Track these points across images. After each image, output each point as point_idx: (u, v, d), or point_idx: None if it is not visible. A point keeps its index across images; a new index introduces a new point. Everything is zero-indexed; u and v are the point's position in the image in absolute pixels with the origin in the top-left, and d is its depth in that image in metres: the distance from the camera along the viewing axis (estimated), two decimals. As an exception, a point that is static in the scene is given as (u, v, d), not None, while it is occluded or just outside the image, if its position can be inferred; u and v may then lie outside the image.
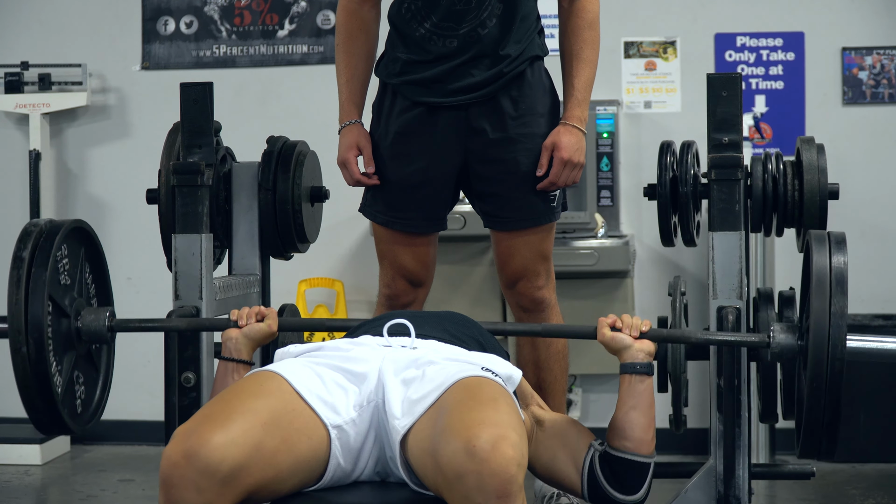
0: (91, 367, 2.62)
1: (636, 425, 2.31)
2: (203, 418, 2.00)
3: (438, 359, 2.18)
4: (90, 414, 2.63)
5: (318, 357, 2.21)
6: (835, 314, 2.20)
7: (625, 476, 2.29)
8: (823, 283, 2.22)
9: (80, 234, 2.61)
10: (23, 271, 2.42)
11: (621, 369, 2.35)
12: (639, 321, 2.39)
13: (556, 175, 2.88)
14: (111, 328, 2.53)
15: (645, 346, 2.36)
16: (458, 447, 1.90)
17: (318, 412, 2.09)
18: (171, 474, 1.94)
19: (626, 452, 2.30)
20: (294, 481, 2.06)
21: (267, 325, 2.42)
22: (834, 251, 2.26)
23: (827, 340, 2.18)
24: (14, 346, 2.39)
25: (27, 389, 2.40)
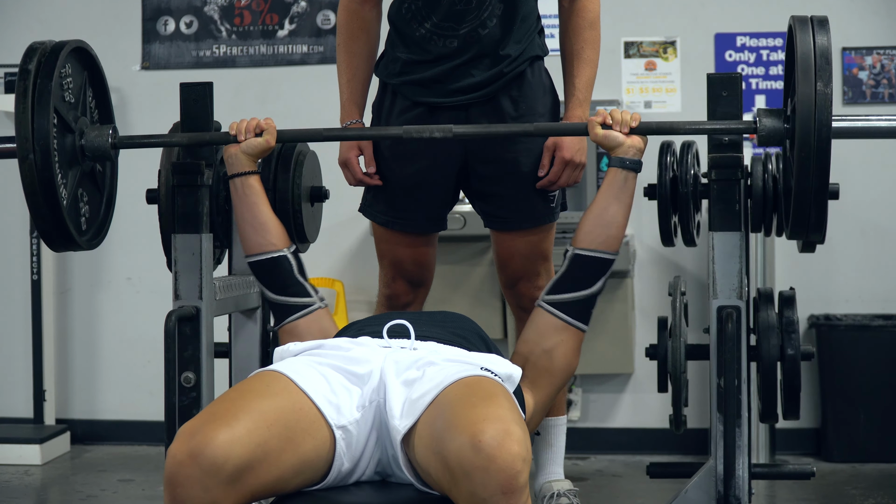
0: (95, 187, 2.67)
1: (615, 220, 2.45)
2: (208, 417, 2.00)
3: (438, 360, 2.19)
4: (94, 231, 2.68)
5: (319, 357, 2.21)
6: (819, 95, 2.26)
7: (587, 273, 2.44)
8: (808, 66, 2.28)
9: (83, 54, 2.64)
10: (29, 82, 2.45)
11: (611, 162, 2.47)
12: (628, 115, 2.49)
13: (556, 175, 2.88)
14: (115, 145, 2.59)
15: (636, 143, 2.48)
16: (464, 443, 1.90)
17: (324, 413, 2.09)
18: (177, 473, 1.94)
19: (598, 251, 2.44)
20: (298, 481, 2.07)
21: (265, 140, 2.52)
22: (817, 32, 2.33)
23: (813, 122, 2.25)
24: (21, 154, 2.43)
25: (34, 197, 2.45)
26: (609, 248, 2.45)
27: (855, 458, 4.43)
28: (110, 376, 5.00)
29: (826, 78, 2.27)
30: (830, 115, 2.26)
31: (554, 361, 2.43)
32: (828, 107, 2.26)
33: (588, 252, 2.45)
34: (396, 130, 2.61)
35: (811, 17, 2.40)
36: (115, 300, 4.98)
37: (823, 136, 2.26)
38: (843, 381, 4.44)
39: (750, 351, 2.55)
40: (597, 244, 2.44)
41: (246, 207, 2.53)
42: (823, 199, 2.30)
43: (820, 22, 2.37)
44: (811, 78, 2.28)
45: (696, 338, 3.09)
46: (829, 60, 2.30)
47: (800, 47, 2.32)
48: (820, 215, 2.33)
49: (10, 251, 4.98)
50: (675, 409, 2.63)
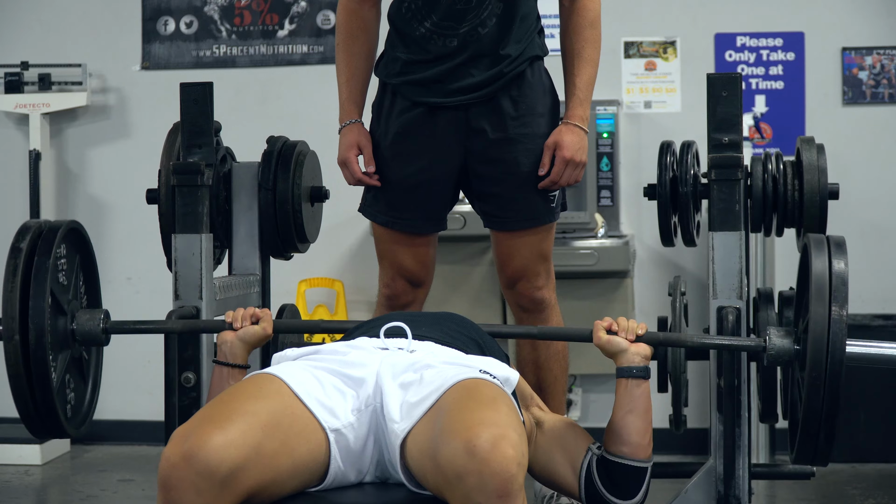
0: (80, 374, 2.58)
1: (633, 430, 2.30)
2: (202, 420, 1.99)
3: (436, 362, 2.18)
4: (80, 419, 2.57)
5: (315, 361, 2.20)
6: (834, 321, 2.18)
7: (622, 481, 2.28)
8: (822, 290, 2.21)
9: (76, 236, 2.57)
10: (20, 261, 2.36)
11: (618, 373, 2.34)
12: (635, 324, 2.37)
13: (557, 174, 2.88)
14: (106, 330, 2.51)
15: (641, 350, 2.34)
16: (459, 447, 1.90)
17: (317, 416, 2.09)
18: (170, 476, 1.93)
19: (623, 458, 2.29)
20: (293, 483, 2.06)
21: (262, 329, 2.40)
22: (834, 256, 2.25)
23: (826, 347, 2.17)
24: (6, 335, 2.32)
25: (19, 380, 2.33)
26: (636, 456, 2.30)
27: (855, 458, 4.42)
28: (110, 376, 4.96)
29: (841, 304, 2.18)
30: (845, 343, 2.17)
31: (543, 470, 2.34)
32: (842, 334, 2.17)
33: (614, 458, 2.29)
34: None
35: (828, 237, 2.31)
36: (115, 300, 4.96)
37: (837, 368, 2.17)
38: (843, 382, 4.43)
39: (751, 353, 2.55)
40: (623, 452, 2.30)
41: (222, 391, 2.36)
42: (832, 424, 2.21)
43: (837, 244, 2.28)
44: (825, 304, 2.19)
45: (696, 338, 3.09)
46: (846, 283, 2.21)
47: (815, 271, 2.23)
48: (829, 440, 2.23)
49: (10, 251, 4.98)
50: (675, 409, 2.63)
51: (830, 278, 2.21)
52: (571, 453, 2.32)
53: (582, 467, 2.29)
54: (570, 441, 2.33)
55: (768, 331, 2.34)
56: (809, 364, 2.19)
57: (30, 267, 2.36)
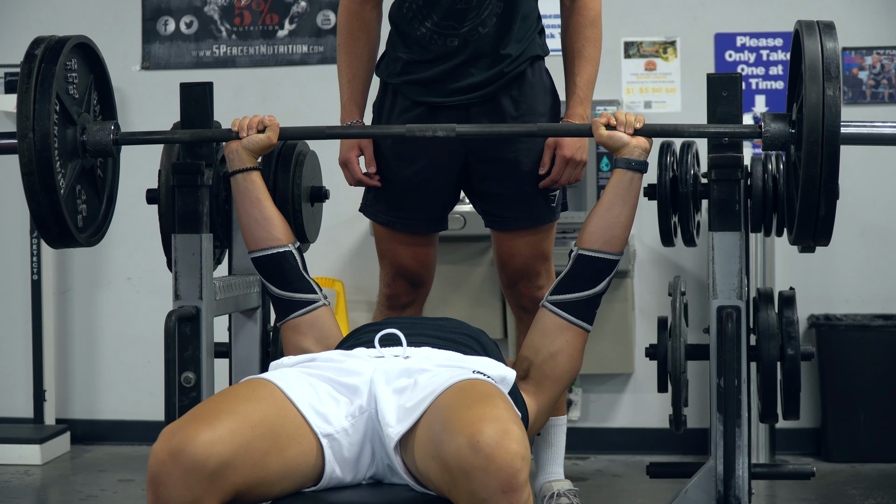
0: (93, 187, 2.65)
1: (620, 222, 2.44)
2: (191, 418, 2.00)
3: (430, 366, 2.18)
4: (93, 230, 2.66)
5: (311, 368, 2.21)
6: (828, 97, 2.23)
7: (591, 274, 2.42)
8: (816, 70, 2.26)
9: (89, 53, 2.63)
10: (34, 65, 2.43)
11: (616, 164, 2.45)
12: (632, 117, 2.47)
13: (558, 173, 2.88)
14: (116, 141, 2.57)
15: (641, 143, 2.46)
16: (463, 443, 1.90)
17: (309, 420, 2.09)
18: (159, 472, 1.94)
19: (602, 252, 2.42)
20: (284, 484, 2.06)
21: (267, 137, 2.50)
22: (825, 38, 2.30)
23: (822, 127, 2.22)
24: (21, 133, 2.40)
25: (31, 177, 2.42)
26: (613, 249, 2.44)
27: (855, 458, 4.43)
28: (110, 376, 5.00)
29: (835, 82, 2.24)
30: (839, 121, 2.24)
31: (558, 363, 2.43)
32: (837, 111, 2.23)
33: (592, 252, 2.44)
34: (399, 129, 2.60)
35: (817, 21, 2.38)
36: (115, 300, 4.98)
37: (833, 141, 2.23)
38: (843, 381, 4.44)
39: (750, 351, 2.55)
40: (601, 244, 2.43)
41: (250, 202, 2.52)
42: (832, 204, 2.27)
43: (827, 26, 2.34)
44: (819, 82, 2.25)
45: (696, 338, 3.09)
46: (838, 65, 2.27)
47: (808, 51, 2.29)
48: (827, 220, 2.30)
49: (10, 251, 4.98)
50: (675, 409, 2.63)
51: (823, 59, 2.27)
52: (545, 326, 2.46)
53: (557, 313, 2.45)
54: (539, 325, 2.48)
55: (762, 115, 2.42)
56: (805, 143, 2.24)
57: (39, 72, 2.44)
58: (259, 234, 2.51)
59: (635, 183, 2.46)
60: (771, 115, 2.43)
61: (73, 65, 2.55)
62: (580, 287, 2.43)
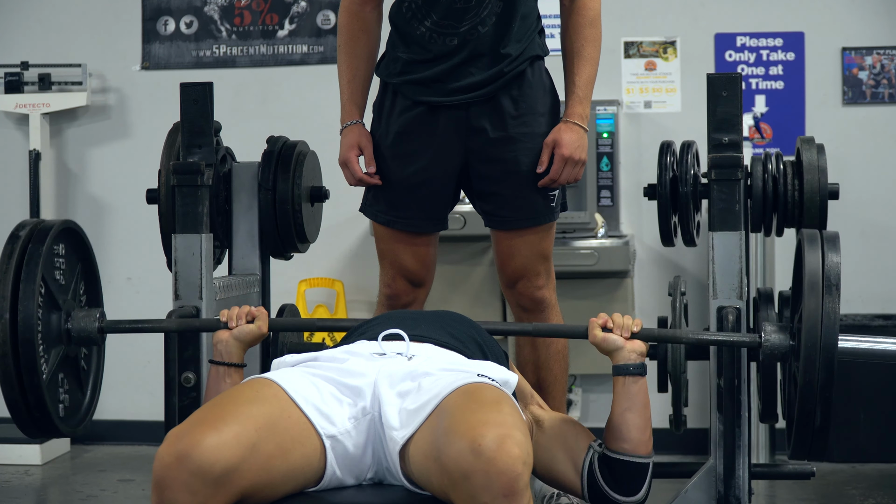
0: (76, 374, 2.56)
1: (632, 427, 2.30)
2: (196, 421, 1.99)
3: (433, 369, 2.17)
4: (78, 419, 2.55)
5: (314, 368, 2.20)
6: (827, 315, 2.18)
7: (624, 477, 2.28)
8: (816, 283, 2.21)
9: (74, 237, 2.55)
10: (16, 246, 2.34)
11: (614, 371, 2.34)
12: (630, 321, 2.36)
13: (556, 172, 2.88)
14: (101, 329, 2.50)
15: (637, 347, 2.34)
16: (464, 447, 1.90)
17: (313, 421, 2.09)
18: (164, 476, 1.93)
19: (624, 454, 2.28)
20: (288, 487, 2.06)
21: (257, 327, 2.40)
22: (827, 250, 2.25)
23: (819, 340, 2.17)
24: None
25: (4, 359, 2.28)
26: (637, 452, 2.30)
27: (855, 458, 4.43)
28: (110, 376, 4.96)
29: (834, 296, 2.19)
30: (836, 335, 2.18)
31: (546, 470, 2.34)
32: (834, 326, 2.18)
33: (615, 455, 2.29)
34: None
35: (821, 232, 2.32)
36: (115, 300, 4.96)
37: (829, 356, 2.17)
38: (843, 382, 4.43)
39: (750, 351, 2.55)
40: (623, 449, 2.30)
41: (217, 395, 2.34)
42: (827, 416, 2.22)
43: (830, 240, 2.28)
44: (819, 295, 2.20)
45: (696, 338, 3.09)
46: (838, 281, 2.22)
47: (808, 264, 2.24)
48: (823, 431, 2.24)
49: (10, 251, 4.98)
50: (675, 409, 2.63)
51: (823, 272, 2.21)
52: (573, 451, 2.31)
53: (584, 465, 2.29)
54: (571, 439, 2.33)
55: (764, 326, 2.34)
56: (802, 356, 2.19)
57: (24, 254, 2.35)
58: None
59: (639, 386, 2.33)
60: (773, 326, 2.35)
61: (61, 249, 2.46)
62: (615, 488, 2.28)
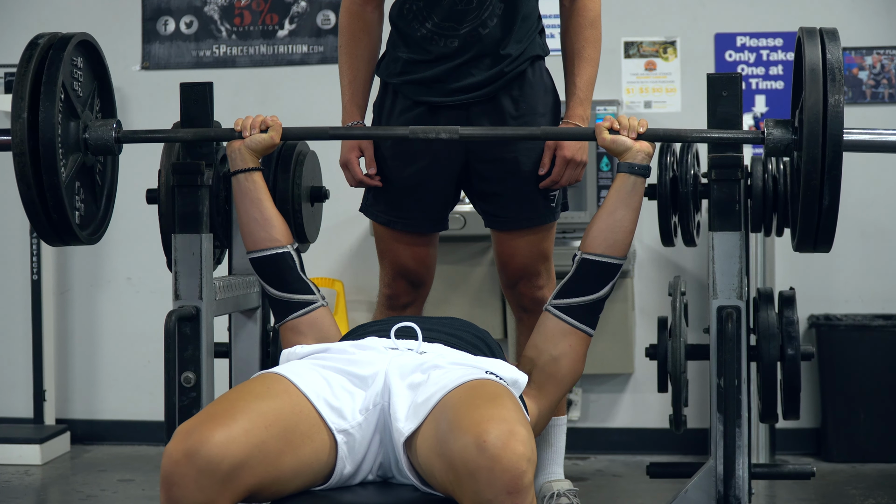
0: (91, 187, 2.60)
1: (623, 226, 2.43)
2: (206, 417, 1.99)
3: (444, 363, 2.18)
4: (93, 229, 2.62)
5: (324, 360, 2.21)
6: (830, 104, 2.22)
7: (596, 278, 2.42)
8: (816, 74, 2.24)
9: (93, 54, 2.60)
10: (35, 52, 2.37)
11: (619, 168, 2.45)
12: (636, 121, 2.46)
13: (558, 174, 2.88)
14: (118, 139, 2.54)
15: (644, 147, 2.45)
16: (469, 443, 1.90)
17: (325, 417, 2.09)
18: (172, 472, 1.93)
19: (606, 256, 2.42)
20: (297, 483, 2.06)
21: (269, 137, 2.49)
22: (828, 43, 2.28)
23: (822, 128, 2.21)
24: (15, 112, 2.32)
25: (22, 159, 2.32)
26: (616, 253, 2.44)
27: (855, 458, 4.43)
28: (110, 376, 5.00)
29: (838, 86, 2.23)
30: (842, 128, 2.23)
31: (561, 367, 2.42)
32: (840, 119, 2.22)
33: (596, 256, 2.43)
34: (402, 130, 2.58)
35: (820, 28, 2.36)
36: (115, 300, 4.98)
37: (836, 144, 2.21)
38: (843, 381, 4.44)
39: (750, 351, 2.55)
40: (604, 248, 2.43)
41: (250, 202, 2.51)
42: (833, 212, 2.26)
43: (830, 33, 2.33)
44: (820, 87, 2.24)
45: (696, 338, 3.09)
46: (841, 71, 2.25)
47: (808, 58, 2.27)
48: (828, 228, 2.29)
49: (10, 251, 4.98)
50: (675, 409, 2.63)
51: (824, 67, 2.25)
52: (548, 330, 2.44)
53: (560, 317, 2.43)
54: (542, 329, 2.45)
55: (765, 121, 2.41)
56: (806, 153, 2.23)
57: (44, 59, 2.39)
58: (258, 235, 2.51)
59: (638, 187, 2.46)
60: (773, 120, 2.42)
61: (79, 62, 2.52)
62: (584, 291, 2.43)
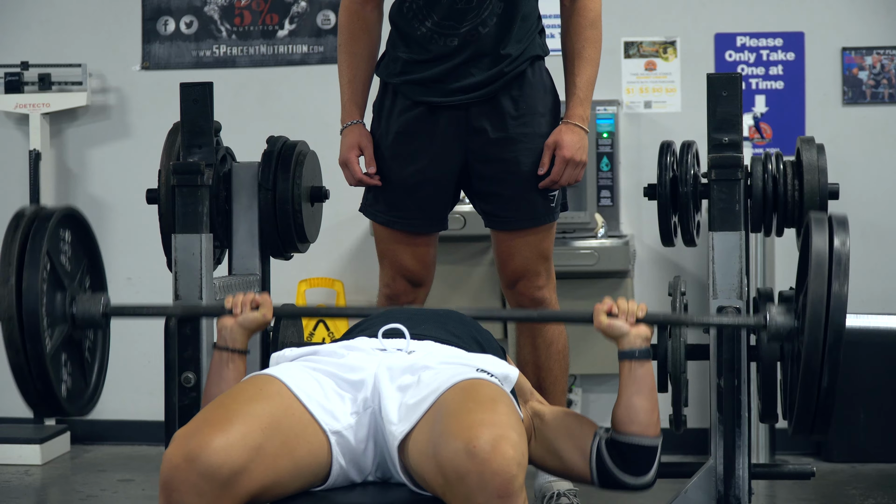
0: (80, 363, 2.55)
1: (640, 410, 2.31)
2: (203, 422, 1.99)
3: (433, 363, 2.18)
4: (82, 403, 2.56)
5: (314, 362, 2.20)
6: (834, 295, 2.17)
7: (633, 460, 2.29)
8: (822, 264, 2.20)
9: (76, 224, 2.54)
10: (21, 221, 2.33)
11: (620, 356, 2.35)
12: (635, 306, 2.37)
13: (557, 174, 2.88)
14: (105, 314, 2.50)
15: (642, 332, 2.35)
16: (459, 448, 1.90)
17: (318, 418, 2.09)
18: (172, 477, 1.94)
19: (633, 436, 2.29)
20: (295, 485, 2.07)
21: (261, 315, 2.41)
22: (836, 232, 2.24)
23: (825, 320, 2.16)
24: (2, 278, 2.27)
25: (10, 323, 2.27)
26: (646, 434, 2.31)
27: (855, 458, 4.42)
28: (110, 376, 4.94)
29: (841, 279, 2.17)
30: (845, 317, 2.17)
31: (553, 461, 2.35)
32: (842, 308, 2.16)
33: (624, 438, 2.31)
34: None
35: (830, 216, 2.29)
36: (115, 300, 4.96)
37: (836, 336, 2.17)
38: (843, 382, 4.43)
39: (750, 351, 2.55)
40: (632, 431, 2.31)
41: (220, 380, 2.41)
42: (832, 395, 2.20)
43: (840, 221, 2.26)
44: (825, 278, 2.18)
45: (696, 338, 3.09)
46: (847, 259, 2.20)
47: (815, 247, 2.22)
48: (826, 412, 2.23)
49: (10, 251, 4.98)
50: (675, 409, 2.63)
51: (831, 255, 2.21)
52: (578, 439, 2.32)
53: (591, 451, 2.30)
54: (576, 428, 2.34)
55: (768, 307, 2.34)
56: (807, 329, 2.19)
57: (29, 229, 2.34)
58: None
59: (645, 369, 2.35)
60: (778, 308, 2.35)
61: (66, 236, 2.46)
62: (625, 469, 2.30)
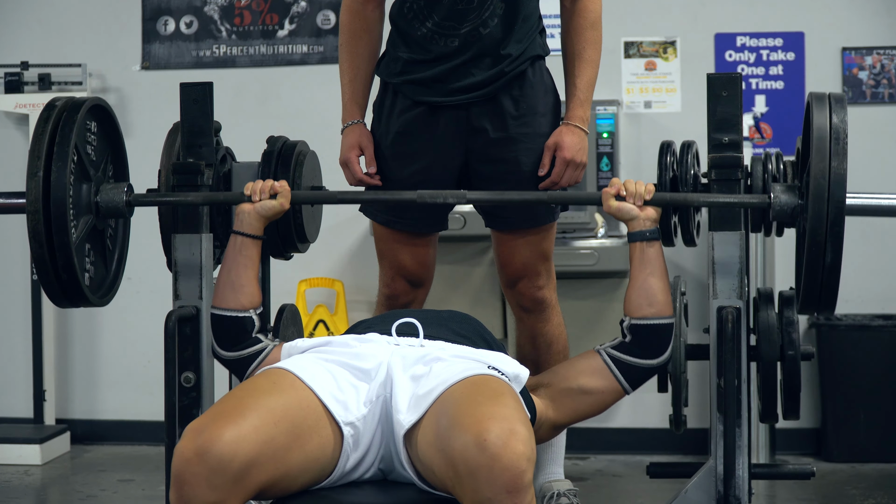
0: (102, 252, 2.62)
1: (657, 290, 2.43)
2: (215, 415, 2.00)
3: (446, 356, 2.19)
4: (103, 291, 2.63)
5: (326, 353, 2.21)
6: (834, 171, 2.27)
7: (653, 341, 2.41)
8: (823, 141, 2.30)
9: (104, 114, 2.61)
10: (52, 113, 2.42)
11: (630, 237, 2.47)
12: (642, 187, 2.48)
13: (558, 175, 2.88)
14: (129, 203, 2.57)
15: (650, 214, 2.47)
16: (469, 441, 1.91)
17: (332, 410, 2.10)
18: (184, 470, 1.94)
19: (653, 318, 2.41)
20: (305, 478, 2.07)
21: (279, 203, 2.50)
22: (834, 110, 2.33)
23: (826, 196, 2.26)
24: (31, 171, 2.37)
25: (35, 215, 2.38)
26: (663, 314, 2.44)
27: (855, 458, 4.43)
28: (110, 376, 5.00)
29: (841, 156, 2.29)
30: (845, 191, 2.28)
31: (584, 401, 2.42)
32: (842, 183, 2.28)
33: (645, 321, 2.43)
34: (411, 195, 2.60)
35: (829, 94, 2.40)
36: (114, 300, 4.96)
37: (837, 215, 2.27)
38: (843, 381, 4.44)
39: (750, 351, 2.55)
40: (651, 313, 2.43)
41: (234, 265, 2.48)
42: (836, 271, 2.30)
43: (837, 99, 2.37)
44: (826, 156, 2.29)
45: (696, 338, 3.09)
46: (845, 135, 2.31)
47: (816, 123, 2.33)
48: (831, 287, 2.32)
49: (9, 251, 4.98)
50: (675, 409, 2.63)
51: (830, 131, 2.30)
52: (589, 367, 2.42)
53: (608, 364, 2.41)
54: (578, 363, 2.45)
55: (772, 187, 2.44)
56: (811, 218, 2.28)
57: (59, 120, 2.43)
58: (226, 295, 2.47)
59: (655, 251, 2.46)
60: (782, 187, 2.45)
61: (93, 127, 2.54)
62: (646, 354, 2.42)
